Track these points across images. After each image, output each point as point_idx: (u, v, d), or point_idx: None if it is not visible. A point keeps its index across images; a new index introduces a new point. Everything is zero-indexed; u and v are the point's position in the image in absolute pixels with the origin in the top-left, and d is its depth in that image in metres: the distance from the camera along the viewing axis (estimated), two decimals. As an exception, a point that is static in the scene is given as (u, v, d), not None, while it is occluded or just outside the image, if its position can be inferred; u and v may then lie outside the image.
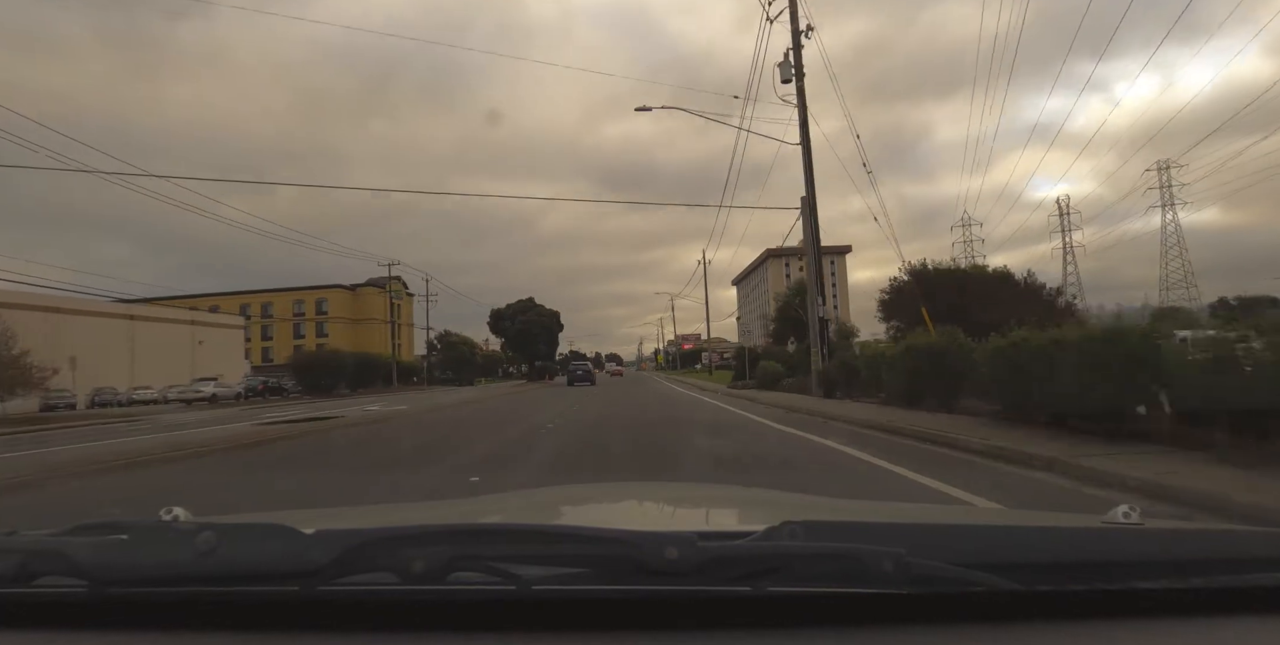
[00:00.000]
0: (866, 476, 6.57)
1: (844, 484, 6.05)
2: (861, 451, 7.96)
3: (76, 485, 7.73)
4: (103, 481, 7.95)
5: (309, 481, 7.62)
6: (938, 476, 5.99)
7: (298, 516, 1.41)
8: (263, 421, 17.45)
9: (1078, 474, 5.69)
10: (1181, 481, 4.88)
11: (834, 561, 0.86)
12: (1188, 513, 4.34)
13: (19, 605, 0.92)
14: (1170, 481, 4.92)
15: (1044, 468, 6.16)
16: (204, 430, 15.07)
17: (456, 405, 23.20)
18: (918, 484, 5.86)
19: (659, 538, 0.86)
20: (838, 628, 0.86)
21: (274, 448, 11.17)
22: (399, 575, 0.85)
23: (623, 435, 11.17)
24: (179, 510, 1.14)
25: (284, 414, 21.37)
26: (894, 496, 5.34)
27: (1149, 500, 4.55)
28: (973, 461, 7.00)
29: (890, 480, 6.23)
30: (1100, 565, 0.91)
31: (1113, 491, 5.01)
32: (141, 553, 0.90)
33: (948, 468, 6.55)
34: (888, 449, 8.08)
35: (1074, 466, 5.83)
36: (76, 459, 9.50)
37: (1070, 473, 5.80)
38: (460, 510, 1.81)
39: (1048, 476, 5.92)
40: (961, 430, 8.44)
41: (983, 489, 5.34)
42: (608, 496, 2.11)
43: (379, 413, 20.05)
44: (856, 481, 6.33)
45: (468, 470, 7.41)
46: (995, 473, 6.32)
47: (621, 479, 5.78)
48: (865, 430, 10.27)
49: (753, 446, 9.28)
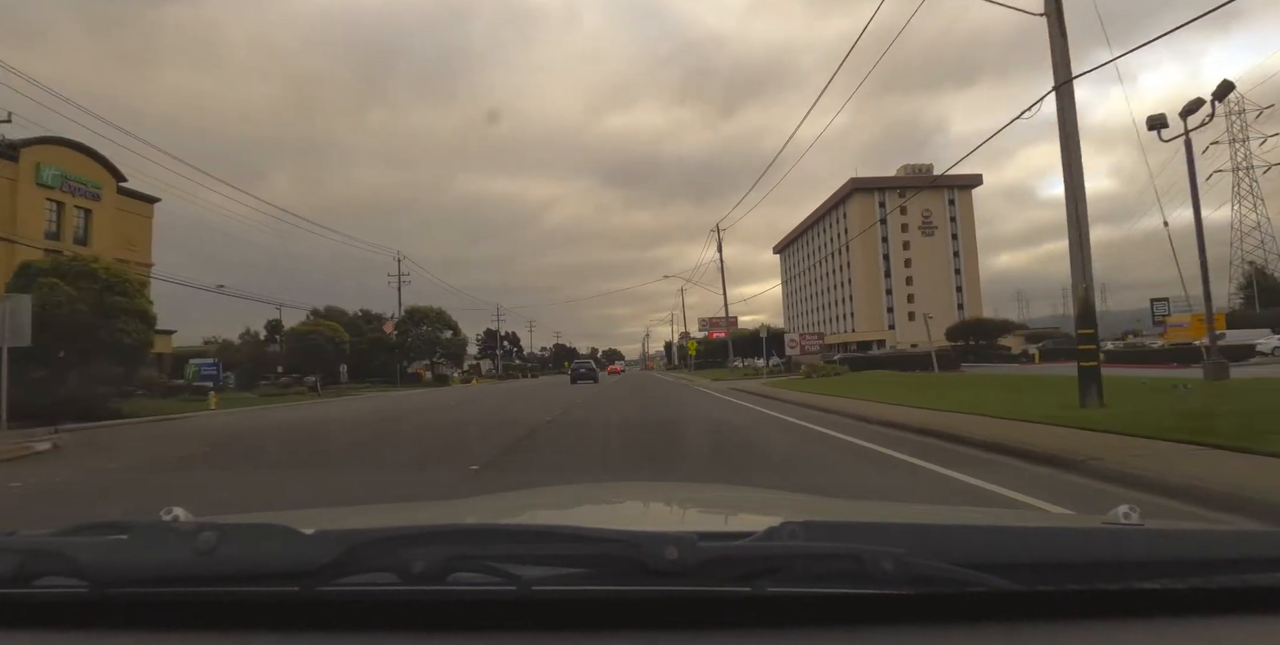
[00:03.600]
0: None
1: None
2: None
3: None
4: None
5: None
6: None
7: (298, 516, 1.41)
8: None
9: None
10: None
11: (834, 562, 0.86)
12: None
13: (19, 605, 0.92)
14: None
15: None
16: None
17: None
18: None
19: (659, 538, 0.86)
20: (838, 628, 0.86)
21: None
22: (399, 575, 0.85)
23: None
24: (179, 510, 1.13)
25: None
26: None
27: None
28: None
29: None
30: (1100, 565, 0.91)
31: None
32: (141, 553, 0.90)
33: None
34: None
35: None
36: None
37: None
38: (460, 510, 1.81)
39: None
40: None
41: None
42: (608, 496, 2.11)
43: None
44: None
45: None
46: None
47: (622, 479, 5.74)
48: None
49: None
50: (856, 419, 11.71)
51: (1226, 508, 4.33)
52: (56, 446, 11.48)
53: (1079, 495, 5.06)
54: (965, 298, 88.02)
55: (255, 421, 17.58)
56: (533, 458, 8.58)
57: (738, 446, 9.19)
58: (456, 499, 4.13)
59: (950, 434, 8.58)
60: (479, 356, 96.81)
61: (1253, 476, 4.92)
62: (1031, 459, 6.61)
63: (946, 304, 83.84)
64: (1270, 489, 4.46)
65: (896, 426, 10.10)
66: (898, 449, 7.98)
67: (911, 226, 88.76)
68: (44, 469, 9.01)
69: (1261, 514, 4.06)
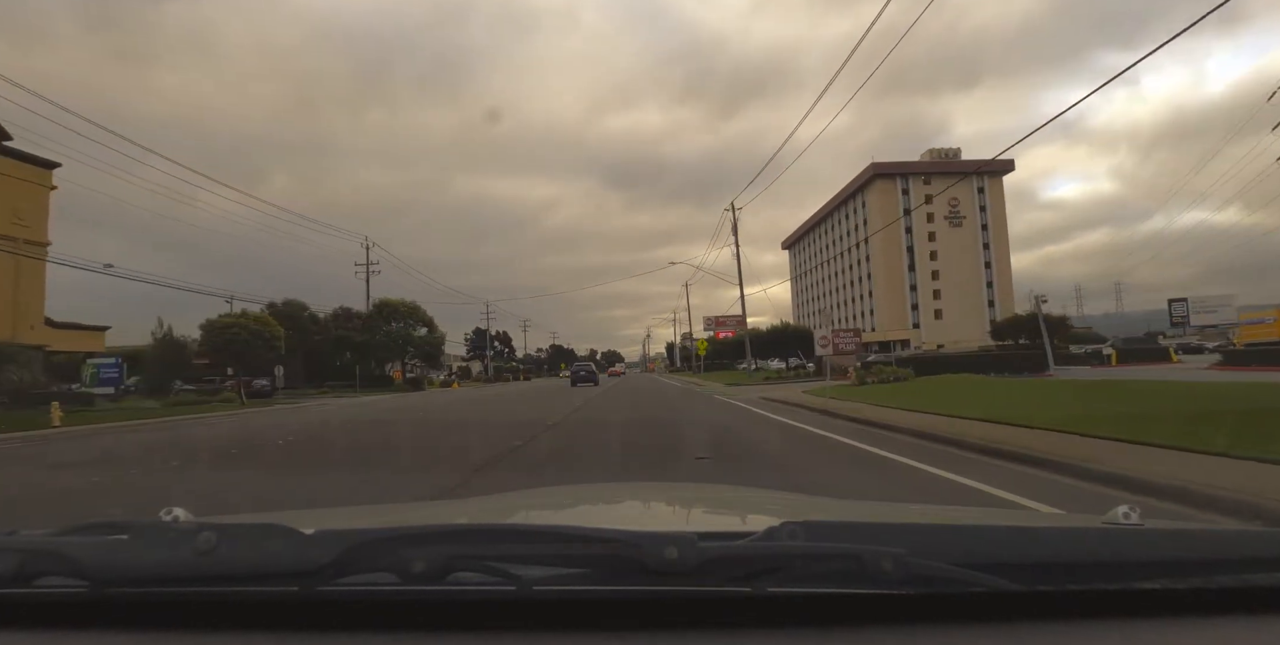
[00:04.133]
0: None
1: None
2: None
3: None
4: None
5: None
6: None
7: (297, 516, 1.42)
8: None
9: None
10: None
11: (834, 562, 0.86)
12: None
13: (19, 605, 0.92)
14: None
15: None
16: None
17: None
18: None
19: (659, 538, 0.86)
20: (838, 628, 0.85)
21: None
22: (399, 575, 0.85)
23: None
24: (179, 510, 1.14)
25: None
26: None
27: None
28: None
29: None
30: (1100, 565, 0.91)
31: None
32: (141, 553, 0.90)
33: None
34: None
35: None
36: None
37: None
38: (460, 510, 1.82)
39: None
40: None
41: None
42: (608, 496, 2.11)
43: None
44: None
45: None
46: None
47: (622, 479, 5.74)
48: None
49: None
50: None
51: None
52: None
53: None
54: (996, 294, 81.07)
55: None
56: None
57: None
58: (456, 499, 4.15)
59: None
60: (468, 357, 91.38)
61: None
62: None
63: (975, 300, 79.24)
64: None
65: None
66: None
67: (938, 216, 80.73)
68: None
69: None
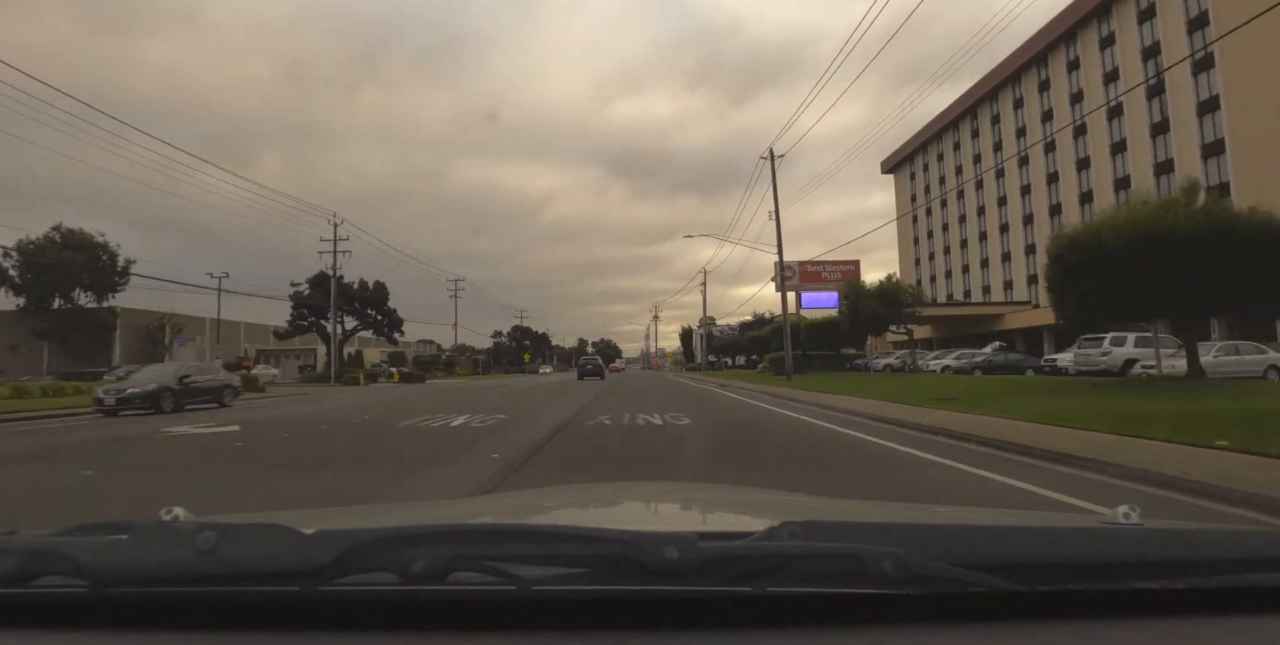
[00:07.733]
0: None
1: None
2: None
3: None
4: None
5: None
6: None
7: (298, 516, 1.41)
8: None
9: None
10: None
11: (834, 561, 0.86)
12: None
13: (19, 605, 0.91)
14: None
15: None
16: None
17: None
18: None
19: (659, 538, 0.86)
20: (838, 628, 0.86)
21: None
22: (399, 575, 0.85)
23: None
24: (179, 510, 1.13)
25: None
26: None
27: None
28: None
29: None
30: (1100, 565, 0.91)
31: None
32: (141, 553, 0.90)
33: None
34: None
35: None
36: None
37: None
38: (460, 510, 1.81)
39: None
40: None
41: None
42: (608, 496, 2.11)
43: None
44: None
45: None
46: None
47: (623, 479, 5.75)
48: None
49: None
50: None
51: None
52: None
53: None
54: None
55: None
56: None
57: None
58: (457, 499, 4.12)
59: None
60: (461, 354, 70.99)
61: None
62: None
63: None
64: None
65: None
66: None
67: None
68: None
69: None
